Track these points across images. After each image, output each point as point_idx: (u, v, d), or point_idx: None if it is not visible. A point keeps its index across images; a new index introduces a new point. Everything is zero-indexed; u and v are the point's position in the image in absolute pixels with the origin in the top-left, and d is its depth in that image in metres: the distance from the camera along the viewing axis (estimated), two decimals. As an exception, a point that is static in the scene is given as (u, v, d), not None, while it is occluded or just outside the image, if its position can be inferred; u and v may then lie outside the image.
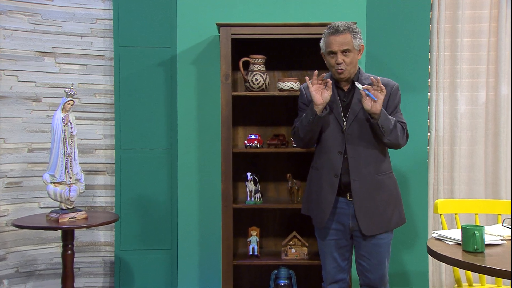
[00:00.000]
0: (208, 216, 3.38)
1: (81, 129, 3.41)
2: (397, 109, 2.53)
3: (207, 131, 3.36)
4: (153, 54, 3.44)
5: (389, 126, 2.39)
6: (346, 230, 2.52)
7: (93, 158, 3.54)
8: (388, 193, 2.51)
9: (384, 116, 2.38)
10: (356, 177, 2.45)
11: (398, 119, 2.49)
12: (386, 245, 2.52)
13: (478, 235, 2.04)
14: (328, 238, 2.55)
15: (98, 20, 3.50)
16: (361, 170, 2.45)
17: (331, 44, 2.43)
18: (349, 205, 2.49)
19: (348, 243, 2.56)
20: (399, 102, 2.55)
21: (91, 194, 3.52)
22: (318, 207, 2.53)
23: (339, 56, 2.42)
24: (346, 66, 2.44)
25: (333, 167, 2.47)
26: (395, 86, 2.53)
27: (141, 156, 3.47)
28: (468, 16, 3.50)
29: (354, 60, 2.45)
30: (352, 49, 2.43)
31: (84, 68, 3.50)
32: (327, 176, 2.49)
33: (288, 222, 3.35)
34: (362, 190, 2.45)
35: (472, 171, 3.51)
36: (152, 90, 3.46)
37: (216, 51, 3.24)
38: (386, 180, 2.51)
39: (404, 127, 2.50)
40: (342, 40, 2.41)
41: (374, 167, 2.47)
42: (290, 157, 3.34)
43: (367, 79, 2.50)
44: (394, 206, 2.54)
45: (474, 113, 3.51)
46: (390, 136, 2.42)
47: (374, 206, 2.47)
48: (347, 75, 2.46)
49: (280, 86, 3.14)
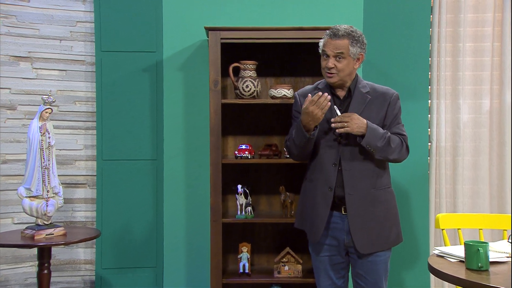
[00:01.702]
0: (196, 231, 3.37)
1: (60, 139, 3.39)
2: (397, 120, 2.53)
3: (195, 141, 3.36)
4: (137, 59, 3.44)
5: (377, 144, 2.40)
6: (341, 246, 2.51)
7: (72, 170, 3.52)
8: (385, 208, 2.51)
9: (371, 134, 2.39)
10: (351, 190, 2.45)
11: (397, 132, 2.50)
12: (383, 263, 2.52)
13: (483, 252, 2.03)
14: (322, 254, 2.55)
15: (78, 23, 3.50)
16: (357, 183, 2.45)
17: (326, 45, 2.46)
18: (343, 220, 2.49)
19: (344, 260, 2.55)
20: (399, 112, 2.55)
21: (70, 209, 3.50)
22: (312, 221, 2.53)
23: (331, 60, 2.44)
24: (337, 72, 2.44)
25: (327, 180, 2.47)
26: (394, 95, 2.54)
27: (124, 168, 3.46)
28: (471, 19, 3.52)
29: (348, 68, 2.45)
30: (347, 56, 2.44)
31: (63, 73, 3.50)
32: (321, 189, 2.48)
33: (281, 237, 3.35)
34: (358, 204, 2.45)
35: (476, 183, 3.51)
36: (136, 97, 3.46)
37: (205, 56, 3.24)
38: (384, 195, 2.51)
39: (403, 140, 2.51)
40: (338, 45, 2.42)
41: (371, 180, 2.47)
42: (283, 169, 3.34)
43: (365, 87, 2.51)
44: (392, 223, 2.54)
45: (477, 122, 3.52)
46: (382, 153, 2.43)
47: (370, 222, 2.47)
48: (336, 80, 2.47)
49: (272, 94, 3.15)
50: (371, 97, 2.49)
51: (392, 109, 2.51)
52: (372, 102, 2.49)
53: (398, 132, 2.50)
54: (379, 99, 2.50)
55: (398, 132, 2.50)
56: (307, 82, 3.24)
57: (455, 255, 2.23)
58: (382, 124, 2.49)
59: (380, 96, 2.51)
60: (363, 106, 2.48)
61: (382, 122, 2.49)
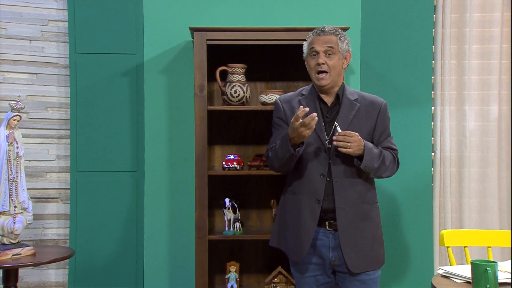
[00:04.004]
0: (179, 249, 3.37)
1: (30, 149, 3.39)
2: (387, 132, 2.57)
3: (179, 151, 3.36)
4: (115, 61, 3.44)
5: (374, 165, 2.44)
6: (326, 265, 2.52)
7: (44, 183, 3.50)
8: (375, 226, 2.54)
9: (369, 155, 2.41)
10: (342, 203, 2.46)
11: (388, 146, 2.54)
12: (373, 282, 2.53)
13: (491, 272, 2.04)
14: (307, 275, 2.55)
15: (50, 22, 3.49)
16: (348, 196, 2.46)
17: (314, 42, 2.50)
18: (328, 236, 2.49)
19: (331, 279, 2.56)
20: (389, 123, 2.59)
21: (40, 226, 3.48)
22: (296, 238, 2.52)
23: (321, 56, 2.47)
24: (329, 70, 2.47)
25: (315, 192, 2.47)
26: (383, 104, 2.57)
27: (101, 180, 3.46)
28: (477, 19, 3.55)
29: (338, 66, 2.49)
30: (337, 52, 2.48)
31: (33, 77, 3.49)
32: (307, 202, 2.48)
33: (272, 256, 3.33)
34: (349, 219, 2.46)
35: (483, 197, 3.53)
36: (114, 103, 3.45)
37: (189, 59, 3.25)
38: (373, 211, 2.54)
39: (395, 155, 2.55)
40: (327, 39, 2.48)
41: (360, 194, 2.49)
42: (275, 181, 3.34)
43: (352, 95, 2.55)
44: (380, 242, 2.57)
45: (485, 130, 3.55)
46: (377, 173, 2.49)
47: (361, 239, 2.48)
48: (328, 81, 2.48)
49: (262, 99, 3.16)
50: (360, 105, 2.52)
51: (382, 119, 2.55)
52: (361, 111, 2.52)
53: (389, 147, 2.55)
54: (367, 107, 2.54)
55: (389, 147, 2.55)
56: (300, 87, 3.16)
57: (461, 276, 2.24)
58: (372, 135, 2.53)
59: (369, 105, 2.55)
60: (352, 114, 2.51)
61: (371, 132, 2.53)
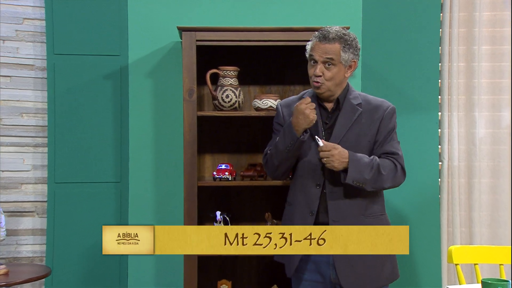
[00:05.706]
0: (166, 267, 3.36)
1: (3, 159, 3.40)
2: (391, 137, 2.56)
3: (166, 160, 3.36)
4: (97, 63, 3.43)
5: (365, 177, 2.43)
6: (327, 283, 2.53)
7: (18, 195, 3.48)
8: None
9: (355, 168, 2.41)
10: (336, 217, 2.47)
11: (389, 150, 2.52)
12: None
13: (504, 292, 2.05)
14: None
15: (25, 20, 3.48)
16: (343, 209, 2.48)
17: (314, 49, 2.51)
18: None
19: None
20: (394, 127, 2.58)
21: (14, 242, 3.46)
22: None
23: (319, 67, 2.48)
24: (325, 81, 2.48)
25: (309, 203, 2.50)
26: (389, 108, 2.57)
27: (82, 192, 3.44)
28: (487, 18, 3.56)
29: (338, 77, 2.50)
30: (338, 63, 2.48)
31: (7, 80, 3.47)
32: (301, 213, 2.51)
33: (267, 272, 3.35)
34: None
35: (495, 210, 3.54)
36: (96, 109, 3.44)
37: (178, 61, 3.24)
38: (376, 224, 2.50)
39: (397, 161, 2.52)
40: (327, 49, 2.47)
41: (360, 206, 2.50)
42: (269, 192, 3.34)
43: (356, 99, 2.56)
44: (385, 257, 2.54)
45: (496, 138, 3.56)
46: (373, 185, 2.46)
47: (358, 256, 2.44)
48: (324, 91, 2.51)
49: (256, 105, 3.15)
50: (362, 110, 2.54)
51: (386, 123, 2.54)
52: (363, 116, 2.53)
53: (390, 151, 2.52)
54: (371, 112, 2.55)
55: (390, 151, 2.52)
56: (298, 91, 3.26)
57: (472, 296, 2.25)
58: (374, 140, 2.53)
59: (373, 109, 2.56)
60: (353, 119, 2.52)
61: (374, 138, 2.54)
